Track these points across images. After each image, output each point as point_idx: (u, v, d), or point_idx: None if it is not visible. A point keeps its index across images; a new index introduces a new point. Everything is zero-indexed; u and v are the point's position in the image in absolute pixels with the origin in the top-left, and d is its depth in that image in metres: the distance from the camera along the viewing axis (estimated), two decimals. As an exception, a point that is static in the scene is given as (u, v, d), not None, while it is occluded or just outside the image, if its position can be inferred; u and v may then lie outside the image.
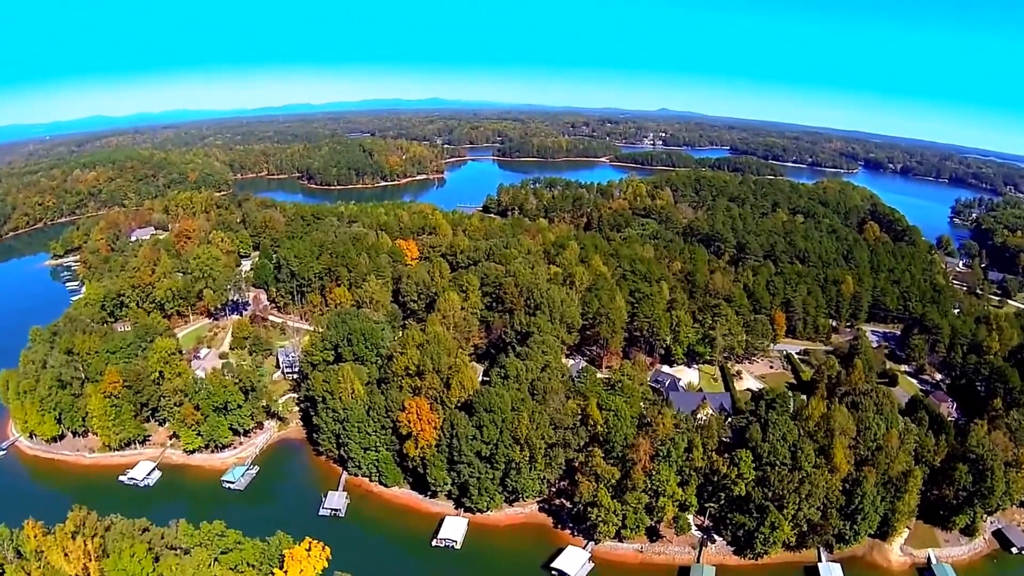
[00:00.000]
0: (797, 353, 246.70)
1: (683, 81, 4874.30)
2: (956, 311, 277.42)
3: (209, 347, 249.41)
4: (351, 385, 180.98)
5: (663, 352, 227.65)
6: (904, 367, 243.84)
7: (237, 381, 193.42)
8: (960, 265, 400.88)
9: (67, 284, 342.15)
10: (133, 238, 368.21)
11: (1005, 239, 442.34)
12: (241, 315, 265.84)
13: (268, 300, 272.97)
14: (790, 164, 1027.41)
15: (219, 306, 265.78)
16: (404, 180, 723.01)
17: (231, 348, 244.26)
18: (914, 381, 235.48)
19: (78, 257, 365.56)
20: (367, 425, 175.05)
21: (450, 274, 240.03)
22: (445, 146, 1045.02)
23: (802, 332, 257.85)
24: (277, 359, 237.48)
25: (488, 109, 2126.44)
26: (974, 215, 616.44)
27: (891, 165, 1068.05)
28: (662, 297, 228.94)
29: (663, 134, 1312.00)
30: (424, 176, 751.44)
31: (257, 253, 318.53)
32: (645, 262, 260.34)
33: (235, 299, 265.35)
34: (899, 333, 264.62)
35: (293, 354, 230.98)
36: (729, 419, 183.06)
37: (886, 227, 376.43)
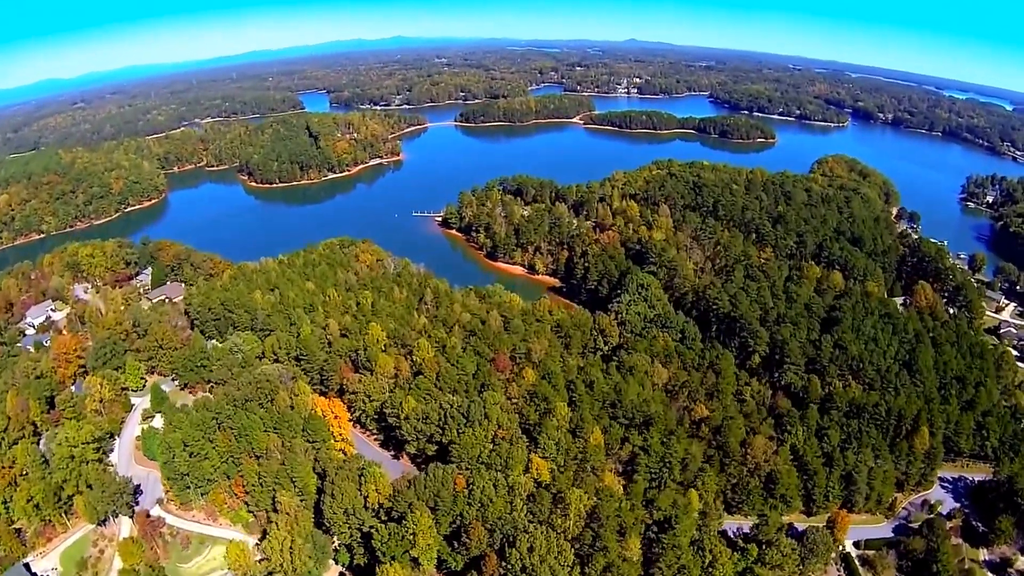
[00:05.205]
0: (855, 545, 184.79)
1: (650, 8, 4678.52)
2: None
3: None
4: None
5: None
6: (984, 552, 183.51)
7: None
8: (1003, 301, 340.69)
9: None
10: (28, 320, 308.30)
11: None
12: (132, 512, 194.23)
13: (164, 493, 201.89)
14: (776, 117, 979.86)
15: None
16: (355, 169, 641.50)
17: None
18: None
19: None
20: None
21: (389, 488, 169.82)
22: (404, 107, 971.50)
23: (861, 507, 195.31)
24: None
25: (453, 47, 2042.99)
26: (989, 198, 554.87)
27: (881, 115, 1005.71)
28: (690, 518, 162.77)
29: (638, 79, 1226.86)
30: (378, 160, 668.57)
31: (153, 380, 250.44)
32: (660, 423, 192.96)
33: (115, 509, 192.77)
34: (975, 486, 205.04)
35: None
36: None
37: (933, 277, 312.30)
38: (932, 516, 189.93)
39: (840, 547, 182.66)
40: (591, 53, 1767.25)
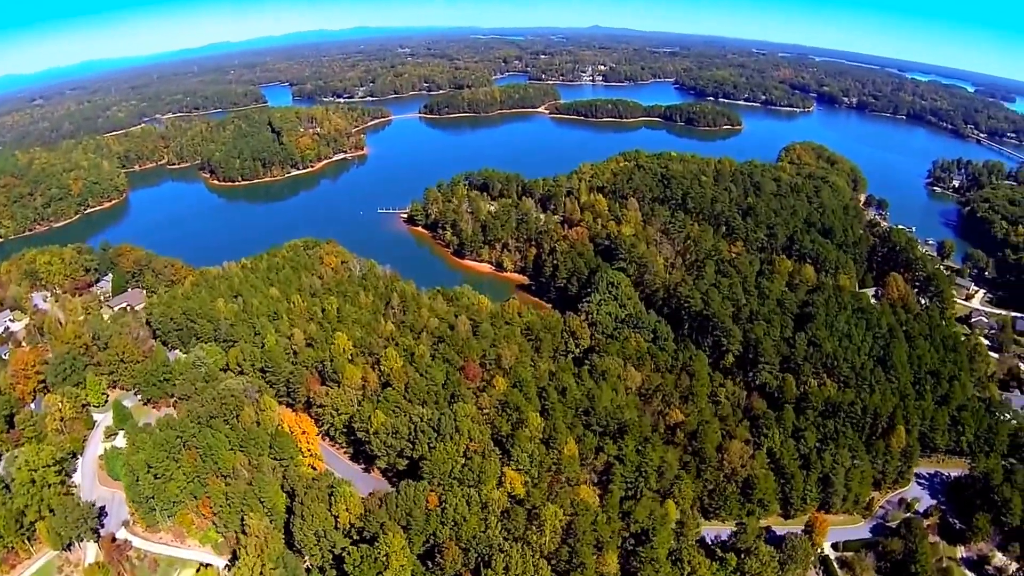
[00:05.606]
0: (833, 547, 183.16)
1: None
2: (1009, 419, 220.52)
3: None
4: None
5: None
6: (961, 550, 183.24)
7: None
8: (972, 288, 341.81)
9: None
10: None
11: (1007, 238, 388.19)
12: (98, 536, 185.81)
13: (130, 515, 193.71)
14: (742, 102, 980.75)
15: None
16: (319, 164, 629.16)
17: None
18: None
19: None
20: None
21: (360, 508, 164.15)
22: (367, 99, 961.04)
23: (839, 508, 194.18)
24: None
25: (416, 36, 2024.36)
26: (955, 183, 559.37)
27: (845, 99, 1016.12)
28: (667, 529, 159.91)
29: (602, 67, 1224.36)
30: (342, 156, 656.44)
31: (115, 395, 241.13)
32: (635, 430, 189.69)
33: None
34: (951, 482, 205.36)
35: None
36: None
37: (903, 267, 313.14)
38: (909, 515, 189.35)
39: (819, 550, 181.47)
40: (555, 41, 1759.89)
